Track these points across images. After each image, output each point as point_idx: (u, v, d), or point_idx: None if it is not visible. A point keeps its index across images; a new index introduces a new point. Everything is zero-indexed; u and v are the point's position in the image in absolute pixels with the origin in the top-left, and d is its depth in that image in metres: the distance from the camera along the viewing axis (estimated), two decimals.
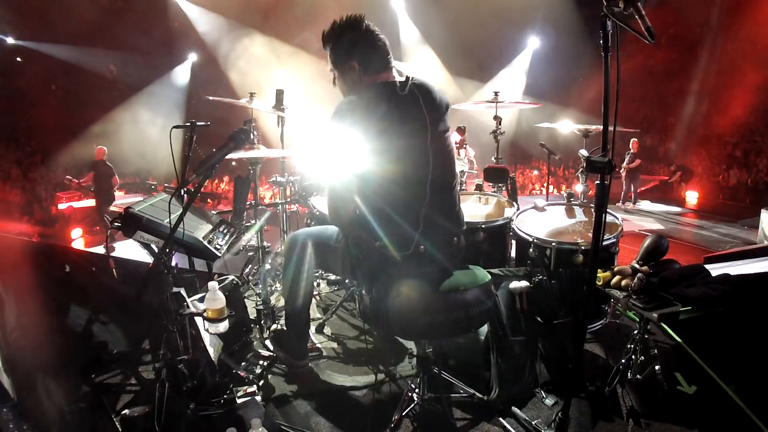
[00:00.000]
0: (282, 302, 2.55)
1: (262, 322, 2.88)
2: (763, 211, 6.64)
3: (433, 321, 1.86)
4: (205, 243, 2.23)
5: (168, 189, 2.65)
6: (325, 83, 2.18)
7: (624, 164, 10.55)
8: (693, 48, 14.24)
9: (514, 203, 3.21)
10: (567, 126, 3.56)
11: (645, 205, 10.94)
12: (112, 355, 2.61)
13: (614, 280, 2.29)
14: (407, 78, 1.97)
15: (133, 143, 13.59)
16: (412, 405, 2.17)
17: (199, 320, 2.12)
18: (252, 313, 2.98)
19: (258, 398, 2.28)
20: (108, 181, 8.64)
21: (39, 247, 2.92)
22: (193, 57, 14.88)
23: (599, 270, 2.34)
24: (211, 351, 2.25)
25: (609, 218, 2.80)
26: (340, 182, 1.94)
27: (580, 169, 3.34)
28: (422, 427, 2.13)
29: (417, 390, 2.19)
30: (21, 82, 14.90)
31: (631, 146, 10.56)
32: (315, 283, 3.53)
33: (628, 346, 2.29)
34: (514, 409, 2.21)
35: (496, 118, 4.15)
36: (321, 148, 2.04)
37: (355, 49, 1.94)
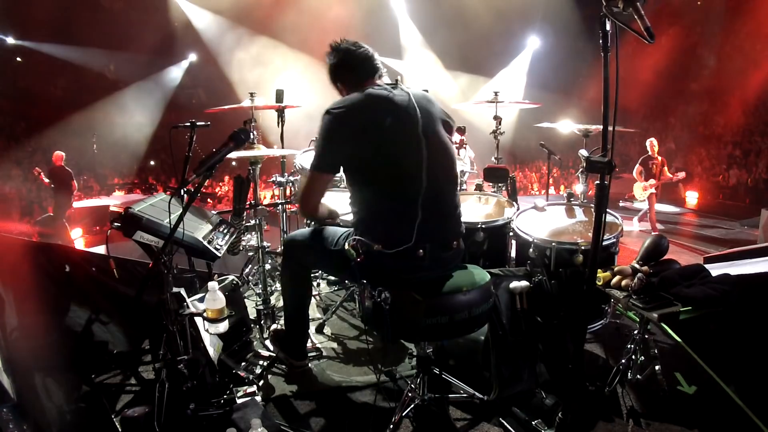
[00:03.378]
0: (282, 302, 2.56)
1: (262, 322, 2.88)
2: (763, 210, 6.64)
3: (437, 323, 1.86)
4: (205, 243, 2.23)
5: (170, 188, 2.65)
6: (324, 83, 2.24)
7: (653, 178, 7.49)
8: (693, 48, 14.25)
9: (514, 203, 3.21)
10: (567, 126, 3.56)
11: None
12: (112, 355, 2.61)
13: (614, 280, 2.29)
14: (396, 82, 2.06)
15: (119, 142, 13.64)
16: (412, 405, 2.17)
17: (199, 320, 2.12)
18: (252, 313, 2.98)
19: (258, 398, 2.28)
20: (69, 186, 8.61)
21: (39, 247, 2.91)
22: (192, 57, 14.87)
23: (599, 270, 2.34)
24: (211, 351, 2.25)
25: (609, 218, 2.80)
26: (314, 176, 2.02)
27: (580, 169, 3.34)
28: (422, 427, 2.14)
29: (417, 390, 2.19)
30: (21, 82, 14.90)
31: (649, 148, 7.72)
32: (315, 283, 3.54)
33: (628, 346, 2.29)
34: (514, 409, 2.21)
35: (496, 118, 4.15)
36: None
37: (336, 71, 2.14)
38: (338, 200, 3.15)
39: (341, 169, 2.04)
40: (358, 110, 1.93)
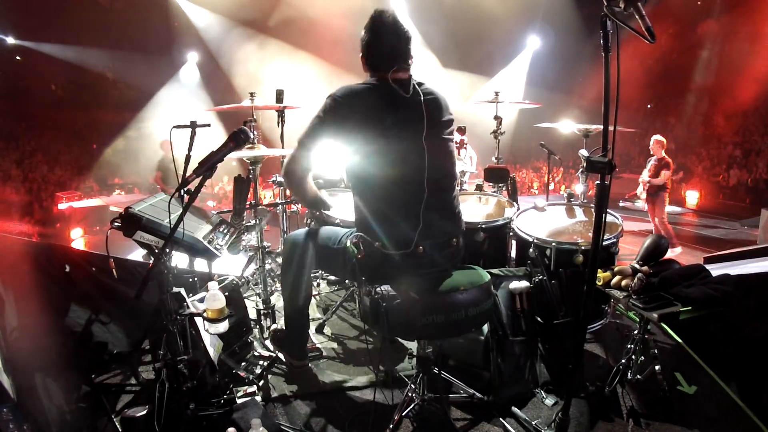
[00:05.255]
0: (282, 302, 2.56)
1: (262, 322, 2.88)
2: (763, 210, 6.64)
3: (433, 321, 1.86)
4: (205, 243, 2.23)
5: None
6: (324, 83, 2.21)
7: (644, 178, 6.56)
8: (693, 48, 14.24)
9: (514, 203, 3.21)
10: (567, 126, 3.56)
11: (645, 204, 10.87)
12: (112, 355, 2.61)
13: (614, 280, 2.29)
14: (410, 77, 2.00)
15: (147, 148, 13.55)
16: (412, 405, 2.17)
17: (199, 320, 2.12)
18: (252, 313, 2.98)
19: (258, 398, 2.28)
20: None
21: (39, 247, 2.92)
22: (194, 57, 14.84)
23: (599, 270, 2.34)
24: (211, 351, 2.25)
25: (609, 218, 2.80)
26: (299, 153, 1.99)
27: (581, 169, 3.34)
28: (422, 427, 2.14)
29: (417, 390, 2.19)
30: (21, 82, 14.90)
31: (652, 148, 6.59)
32: (315, 283, 3.54)
33: (628, 346, 2.29)
34: (514, 409, 2.21)
35: (496, 118, 4.15)
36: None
37: (364, 46, 2.01)
38: (339, 201, 3.15)
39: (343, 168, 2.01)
40: (361, 103, 1.91)
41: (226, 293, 2.24)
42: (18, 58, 14.85)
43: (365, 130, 1.90)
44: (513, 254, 3.02)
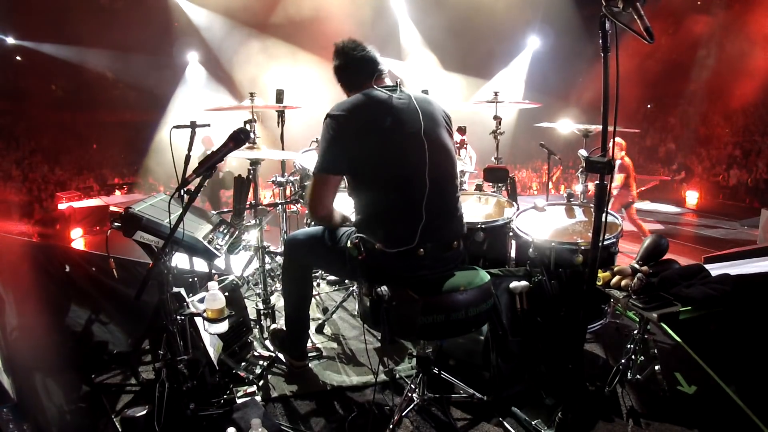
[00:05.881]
0: (282, 302, 2.56)
1: (262, 322, 2.88)
2: (763, 210, 6.64)
3: (433, 322, 1.86)
4: (205, 243, 2.23)
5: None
6: (324, 83, 2.25)
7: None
8: (693, 48, 14.24)
9: (514, 203, 3.21)
10: (567, 126, 3.56)
11: (645, 204, 10.87)
12: (112, 355, 2.61)
13: (614, 280, 2.29)
14: (397, 83, 2.05)
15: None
16: (412, 405, 2.17)
17: (199, 320, 2.12)
18: (252, 313, 2.98)
19: (258, 398, 2.28)
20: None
21: (39, 247, 2.92)
22: (194, 56, 14.83)
23: (599, 270, 2.34)
24: (211, 351, 2.25)
25: (609, 218, 2.79)
26: (319, 178, 2.02)
27: (580, 169, 3.34)
28: (422, 427, 2.14)
29: (417, 390, 2.19)
30: (21, 82, 14.90)
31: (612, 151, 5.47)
32: (315, 283, 3.54)
33: (628, 346, 2.29)
34: (514, 409, 2.21)
35: (495, 118, 4.15)
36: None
37: (339, 73, 2.15)
38: (341, 202, 3.15)
39: (346, 172, 2.02)
40: (358, 112, 1.95)
41: (226, 293, 2.25)
42: (18, 58, 14.85)
43: (370, 133, 1.92)
44: (513, 254, 3.02)
